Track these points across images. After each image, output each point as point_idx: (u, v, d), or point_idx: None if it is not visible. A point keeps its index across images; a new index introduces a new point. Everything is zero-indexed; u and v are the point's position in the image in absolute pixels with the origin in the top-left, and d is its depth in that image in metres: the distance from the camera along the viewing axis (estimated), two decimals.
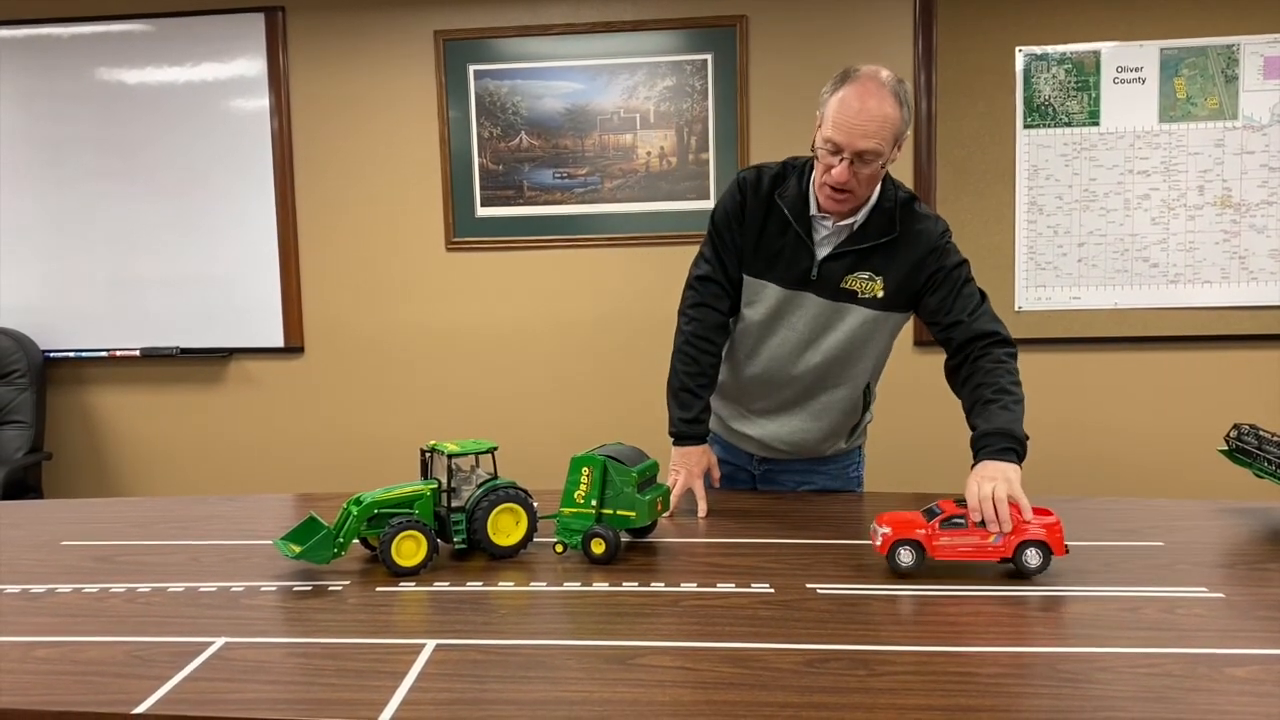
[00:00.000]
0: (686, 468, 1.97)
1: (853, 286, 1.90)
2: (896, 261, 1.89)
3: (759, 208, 1.93)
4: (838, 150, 1.75)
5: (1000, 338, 1.87)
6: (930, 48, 3.36)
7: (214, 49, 3.60)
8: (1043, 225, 3.38)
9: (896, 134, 1.77)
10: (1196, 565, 1.57)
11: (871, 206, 1.89)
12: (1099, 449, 3.44)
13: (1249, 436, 1.83)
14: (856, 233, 1.89)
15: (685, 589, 1.49)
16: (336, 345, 3.70)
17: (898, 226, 1.88)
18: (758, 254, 1.95)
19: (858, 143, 1.73)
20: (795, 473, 2.15)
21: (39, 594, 1.53)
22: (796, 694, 1.13)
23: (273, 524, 1.91)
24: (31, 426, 3.59)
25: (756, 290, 1.96)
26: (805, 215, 1.91)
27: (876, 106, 1.72)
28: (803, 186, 1.91)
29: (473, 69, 3.52)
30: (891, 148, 1.78)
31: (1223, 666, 1.19)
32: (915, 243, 1.88)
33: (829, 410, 2.04)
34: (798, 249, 1.91)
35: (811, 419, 2.05)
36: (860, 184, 1.79)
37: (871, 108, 1.72)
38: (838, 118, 1.74)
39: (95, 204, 3.69)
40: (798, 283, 1.92)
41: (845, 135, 1.73)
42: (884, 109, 1.73)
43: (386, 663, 1.23)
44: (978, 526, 1.51)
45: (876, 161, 1.76)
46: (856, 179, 1.77)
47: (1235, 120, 3.28)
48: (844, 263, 1.90)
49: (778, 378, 2.01)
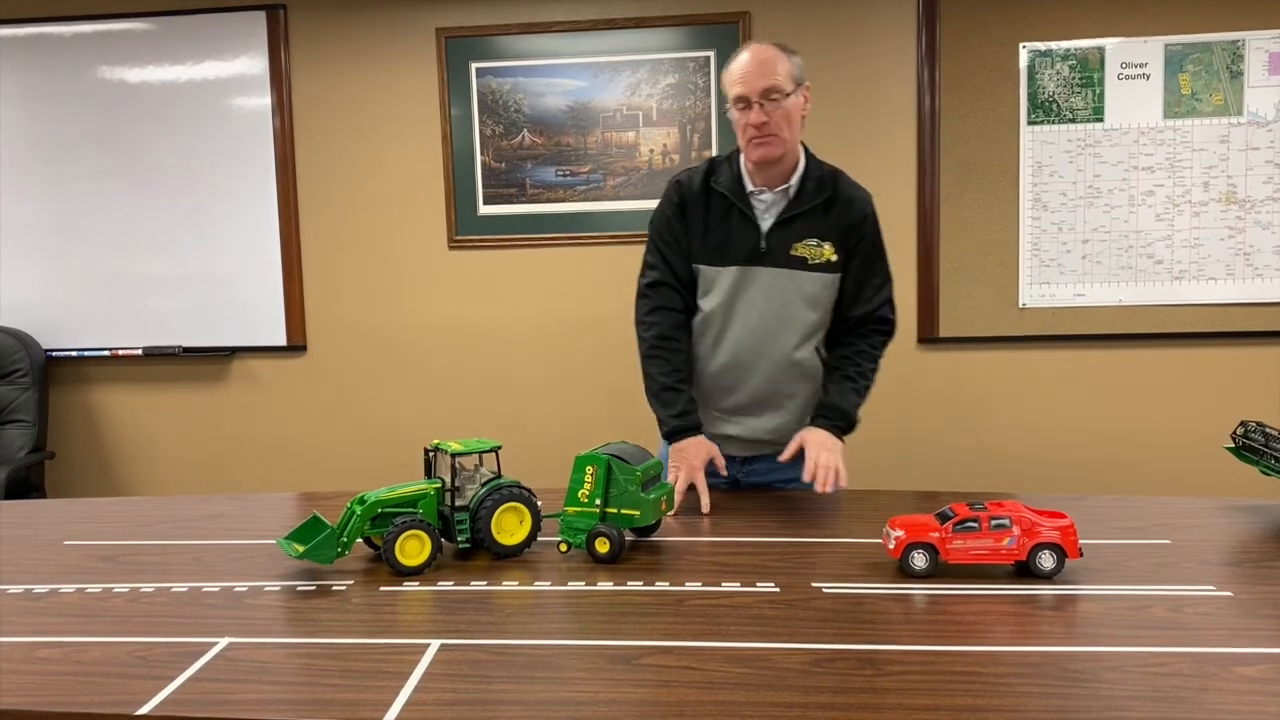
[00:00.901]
0: (686, 463, 1.98)
1: (802, 253, 2.02)
2: (836, 225, 2.03)
3: (698, 201, 2.06)
4: (747, 101, 1.94)
5: (888, 324, 2.11)
6: (934, 44, 3.35)
7: (216, 47, 3.59)
8: (1047, 222, 3.37)
9: (792, 75, 1.96)
10: (1204, 563, 1.56)
11: (802, 173, 2.03)
12: (1104, 447, 3.43)
13: (1256, 434, 1.82)
14: (794, 199, 2.02)
15: (690, 588, 1.48)
16: (339, 344, 3.70)
17: (830, 189, 2.03)
18: (706, 242, 2.05)
19: (758, 84, 1.93)
20: (778, 469, 2.14)
21: (42, 594, 1.52)
22: (802, 694, 1.12)
23: (276, 523, 1.91)
24: (34, 426, 3.59)
25: (711, 277, 2.05)
26: (743, 194, 2.03)
27: (761, 53, 1.95)
28: (735, 170, 2.05)
29: (475, 66, 3.51)
30: (794, 87, 1.96)
31: (1232, 665, 1.18)
32: (849, 207, 2.04)
33: (800, 386, 2.08)
34: (743, 226, 2.03)
35: (786, 398, 2.08)
36: (779, 123, 1.94)
37: (756, 56, 1.95)
38: (735, 76, 1.96)
39: (97, 203, 3.69)
40: (749, 258, 2.02)
41: (746, 84, 1.94)
42: (769, 53, 1.95)
43: (390, 663, 1.23)
44: (983, 527, 1.50)
45: (783, 98, 1.94)
46: (773, 119, 1.94)
47: (1240, 116, 3.27)
48: (790, 230, 2.01)
49: (746, 362, 2.05)
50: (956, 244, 3.41)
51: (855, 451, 3.46)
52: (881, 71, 3.41)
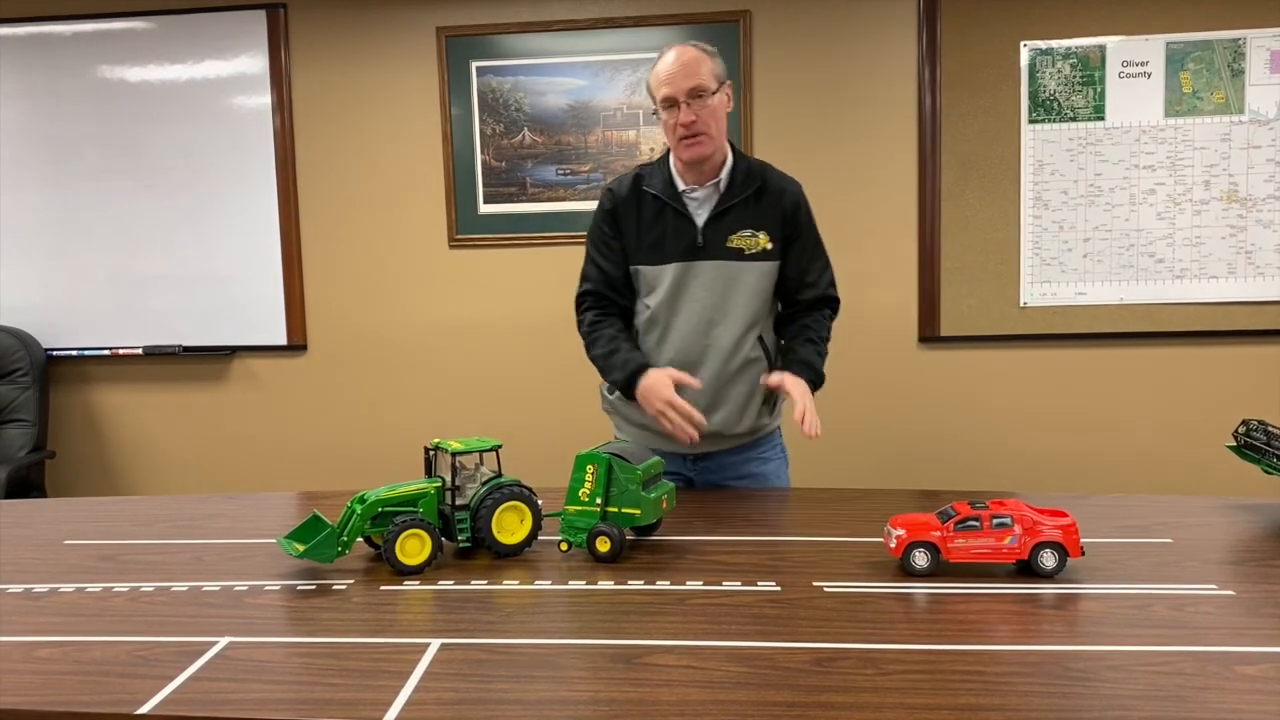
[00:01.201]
0: (660, 399, 1.98)
1: (739, 245, 2.06)
2: (769, 214, 2.08)
3: (630, 205, 2.11)
4: (674, 101, 1.99)
5: (836, 302, 2.18)
6: (934, 42, 3.35)
7: (216, 46, 3.59)
8: (1048, 220, 3.36)
9: (715, 73, 2.01)
10: (1205, 562, 1.56)
11: (731, 166, 2.08)
12: (1106, 445, 3.43)
13: (1258, 432, 1.82)
14: (725, 192, 2.07)
15: (691, 587, 1.48)
16: (339, 343, 3.70)
17: (759, 179, 2.09)
18: (643, 244, 2.10)
19: (684, 84, 1.98)
20: (729, 465, 2.18)
21: (42, 593, 1.52)
22: (804, 693, 1.12)
23: (276, 522, 1.90)
24: (34, 425, 3.59)
25: (652, 276, 2.10)
26: (676, 193, 2.09)
27: (685, 54, 2.00)
28: (665, 172, 2.11)
29: (475, 65, 3.51)
30: (718, 85, 2.01)
31: (1234, 664, 1.18)
32: (781, 196, 2.09)
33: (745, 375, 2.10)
34: (679, 224, 2.07)
35: (731, 389, 2.10)
36: (706, 121, 1.99)
37: (680, 58, 2.00)
38: (662, 78, 2.01)
39: (98, 202, 3.68)
40: (688, 254, 2.07)
41: (673, 85, 1.99)
42: (691, 53, 2.00)
43: (391, 662, 1.23)
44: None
45: (708, 96, 1.99)
46: (700, 118, 1.99)
47: (1241, 115, 3.26)
48: (724, 222, 2.06)
49: (693, 355, 2.08)
50: (957, 243, 3.40)
51: (856, 450, 3.48)
52: (882, 70, 3.40)
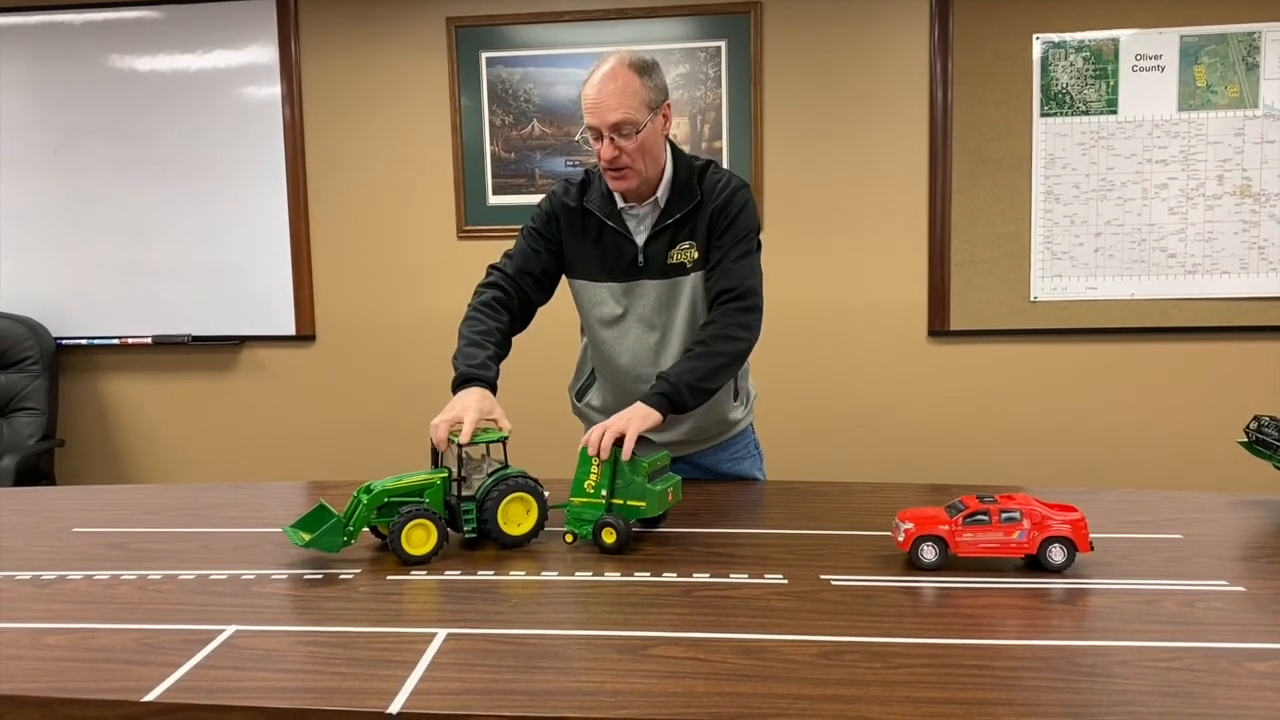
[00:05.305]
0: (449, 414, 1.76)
1: (680, 259, 1.98)
2: (703, 223, 1.96)
3: (573, 217, 2.02)
4: (598, 133, 1.86)
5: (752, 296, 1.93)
6: (947, 35, 3.33)
7: (225, 36, 3.59)
8: (1059, 215, 3.35)
9: (645, 102, 1.85)
10: (1216, 558, 1.55)
11: (669, 180, 1.96)
12: (1116, 441, 3.41)
13: (1269, 428, 1.81)
14: (664, 209, 1.97)
15: (697, 579, 1.48)
16: (348, 333, 3.70)
17: (699, 192, 1.96)
18: (585, 260, 2.03)
19: (607, 117, 1.83)
20: (701, 468, 2.14)
21: (50, 581, 1.53)
22: (811, 686, 1.12)
23: (283, 512, 1.90)
24: (44, 413, 3.60)
25: (595, 294, 2.04)
26: (615, 211, 1.99)
27: (611, 81, 1.84)
28: (604, 187, 1.98)
29: (485, 56, 3.50)
30: (648, 115, 1.86)
31: (1244, 661, 1.17)
32: (713, 198, 1.96)
33: None
34: (619, 243, 1.99)
35: None
36: (631, 157, 1.87)
37: (607, 84, 1.84)
38: (586, 104, 1.86)
39: (107, 192, 3.69)
40: (629, 273, 2.00)
41: (595, 116, 1.85)
42: (619, 81, 1.83)
43: (397, 651, 1.23)
44: (1002, 522, 1.49)
45: (634, 131, 1.84)
46: (625, 153, 1.86)
47: (1256, 109, 3.24)
48: (663, 240, 1.97)
49: (644, 374, 1.99)
50: (968, 236, 3.39)
51: (866, 443, 3.48)
52: (894, 63, 3.38)
